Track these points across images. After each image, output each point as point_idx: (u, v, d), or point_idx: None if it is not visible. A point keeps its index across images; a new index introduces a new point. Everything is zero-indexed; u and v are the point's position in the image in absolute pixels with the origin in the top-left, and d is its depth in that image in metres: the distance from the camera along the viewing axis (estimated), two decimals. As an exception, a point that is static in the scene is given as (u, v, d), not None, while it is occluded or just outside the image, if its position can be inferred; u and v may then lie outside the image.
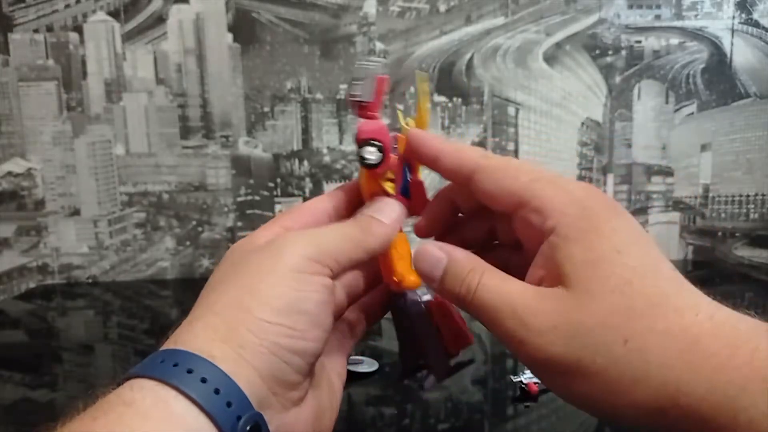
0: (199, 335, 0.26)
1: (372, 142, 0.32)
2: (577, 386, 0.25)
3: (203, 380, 0.24)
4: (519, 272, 0.28)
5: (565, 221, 0.26)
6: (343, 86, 0.95)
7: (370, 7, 0.93)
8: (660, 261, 0.26)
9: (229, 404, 0.24)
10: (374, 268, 0.34)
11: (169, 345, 0.26)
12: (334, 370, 0.33)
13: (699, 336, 0.24)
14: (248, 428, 0.24)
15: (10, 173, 0.95)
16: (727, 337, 0.24)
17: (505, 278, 0.28)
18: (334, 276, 0.30)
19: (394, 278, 0.34)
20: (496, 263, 0.29)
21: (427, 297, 0.34)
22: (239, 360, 0.25)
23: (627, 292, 0.25)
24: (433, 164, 0.32)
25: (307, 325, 0.27)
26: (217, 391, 0.24)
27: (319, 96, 0.95)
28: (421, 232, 0.35)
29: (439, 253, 0.30)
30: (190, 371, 0.24)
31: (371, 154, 0.32)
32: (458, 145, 0.31)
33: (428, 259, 0.30)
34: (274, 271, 0.28)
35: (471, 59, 0.95)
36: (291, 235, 0.30)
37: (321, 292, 0.28)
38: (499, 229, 0.33)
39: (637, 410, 0.25)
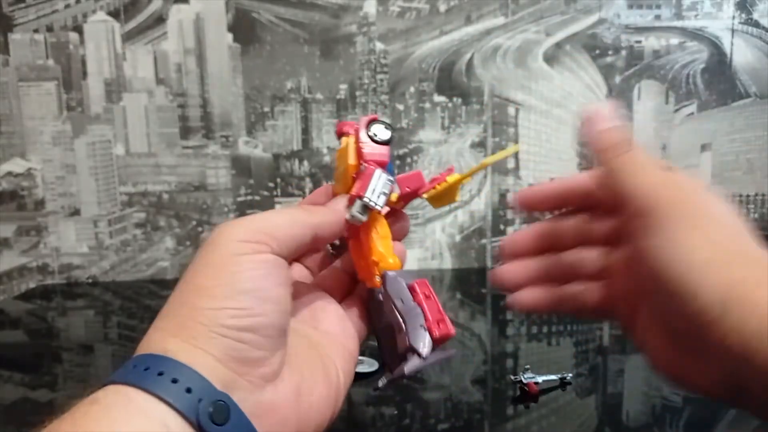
0: (152, 338, 0.28)
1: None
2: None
3: (160, 374, 0.25)
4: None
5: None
6: (343, 86, 0.95)
7: (370, 7, 0.93)
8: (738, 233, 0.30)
9: (188, 390, 0.25)
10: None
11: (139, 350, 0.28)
12: (332, 358, 0.33)
13: None
14: (211, 410, 0.25)
15: (10, 173, 0.95)
16: None
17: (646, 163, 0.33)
18: (280, 253, 0.30)
19: (373, 258, 0.34)
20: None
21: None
22: (193, 349, 0.26)
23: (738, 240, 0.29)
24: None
25: (251, 302, 0.28)
26: (175, 381, 0.25)
27: (319, 96, 0.95)
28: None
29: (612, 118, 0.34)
30: (146, 368, 0.25)
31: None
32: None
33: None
34: (212, 262, 0.29)
35: (471, 59, 0.95)
36: (225, 224, 0.31)
37: (260, 268, 0.29)
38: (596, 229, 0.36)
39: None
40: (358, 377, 0.59)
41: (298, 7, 0.93)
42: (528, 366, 0.57)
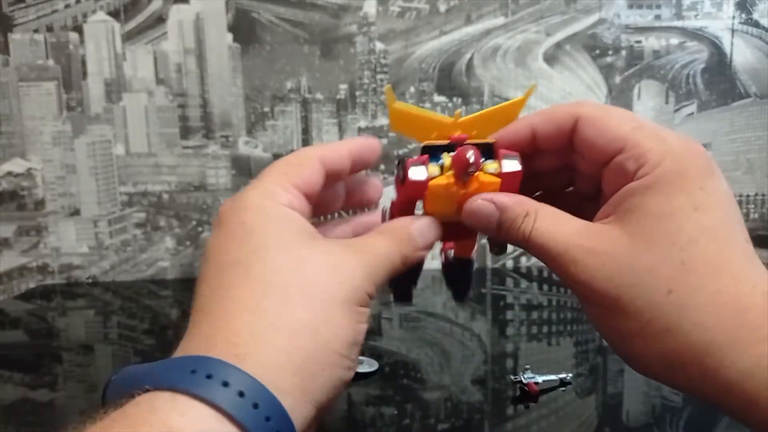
0: (270, 358, 0.25)
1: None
2: (612, 321, 0.27)
3: (267, 419, 0.23)
4: (588, 219, 0.30)
5: (656, 172, 0.27)
6: (343, 86, 0.95)
7: (370, 7, 0.93)
8: (737, 229, 0.27)
9: (267, 419, 0.23)
10: None
11: (226, 355, 0.24)
12: None
13: (749, 306, 0.25)
14: None
15: (10, 173, 0.95)
16: None
17: (558, 220, 0.29)
18: None
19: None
20: (567, 210, 0.30)
21: None
22: (305, 394, 0.25)
23: (688, 249, 0.26)
24: (532, 142, 0.33)
25: (357, 355, 0.28)
26: (256, 406, 0.23)
27: (319, 96, 0.95)
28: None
29: (489, 206, 0.31)
30: (255, 405, 0.23)
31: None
32: (548, 108, 0.33)
33: (480, 215, 0.31)
34: (340, 301, 0.27)
35: (471, 59, 0.95)
36: (349, 259, 0.29)
37: (366, 322, 0.28)
38: (578, 180, 0.33)
39: (659, 359, 0.26)
40: (359, 377, 0.59)
41: (298, 7, 0.93)
42: (528, 366, 0.57)
